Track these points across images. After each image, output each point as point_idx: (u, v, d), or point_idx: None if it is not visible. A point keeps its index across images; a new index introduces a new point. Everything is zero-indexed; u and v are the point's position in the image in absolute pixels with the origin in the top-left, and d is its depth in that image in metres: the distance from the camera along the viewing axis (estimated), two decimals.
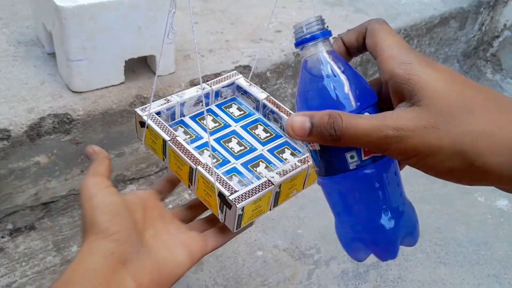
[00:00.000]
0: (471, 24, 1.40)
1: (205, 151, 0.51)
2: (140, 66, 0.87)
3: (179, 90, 0.85)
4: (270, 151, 0.52)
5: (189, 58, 0.93)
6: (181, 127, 0.54)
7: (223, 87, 0.57)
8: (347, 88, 0.33)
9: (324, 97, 0.34)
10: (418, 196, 1.02)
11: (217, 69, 0.91)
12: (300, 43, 0.35)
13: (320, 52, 0.35)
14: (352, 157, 0.34)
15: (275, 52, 0.99)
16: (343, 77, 0.34)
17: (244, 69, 0.94)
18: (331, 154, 0.35)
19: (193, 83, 0.87)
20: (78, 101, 0.78)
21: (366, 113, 0.33)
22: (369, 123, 0.31)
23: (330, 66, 0.34)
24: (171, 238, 0.46)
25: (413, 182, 1.03)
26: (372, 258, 0.38)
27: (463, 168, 0.30)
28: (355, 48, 0.37)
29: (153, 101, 0.51)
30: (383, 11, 1.24)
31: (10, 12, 0.97)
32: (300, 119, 0.32)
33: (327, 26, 0.35)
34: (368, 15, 1.20)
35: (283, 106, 0.55)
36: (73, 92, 0.79)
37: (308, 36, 0.34)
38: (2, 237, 0.77)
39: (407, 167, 0.36)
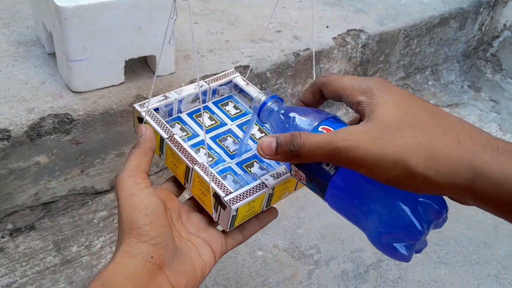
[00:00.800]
0: (471, 24, 1.40)
1: (201, 149, 0.51)
2: (140, 66, 0.87)
3: None
4: None
5: (189, 58, 0.93)
6: (178, 123, 0.54)
7: (221, 85, 0.57)
8: (301, 115, 0.42)
9: (288, 126, 0.42)
10: None
11: (217, 69, 0.91)
12: (262, 107, 0.47)
13: (274, 105, 0.47)
14: (327, 164, 0.38)
15: (275, 52, 0.99)
16: (296, 110, 0.43)
17: (244, 69, 0.94)
18: (313, 172, 0.40)
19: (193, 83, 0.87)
20: (78, 101, 0.78)
21: (324, 127, 0.40)
22: (323, 137, 0.35)
23: (284, 109, 0.44)
24: (194, 238, 0.46)
25: None
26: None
27: (407, 176, 0.32)
28: (314, 103, 0.44)
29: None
30: (383, 11, 1.24)
31: (10, 12, 0.98)
32: (268, 140, 0.38)
33: (271, 93, 0.48)
34: (368, 15, 1.20)
35: None
36: (73, 92, 0.79)
37: (265, 101, 0.47)
38: (2, 237, 0.77)
39: None
